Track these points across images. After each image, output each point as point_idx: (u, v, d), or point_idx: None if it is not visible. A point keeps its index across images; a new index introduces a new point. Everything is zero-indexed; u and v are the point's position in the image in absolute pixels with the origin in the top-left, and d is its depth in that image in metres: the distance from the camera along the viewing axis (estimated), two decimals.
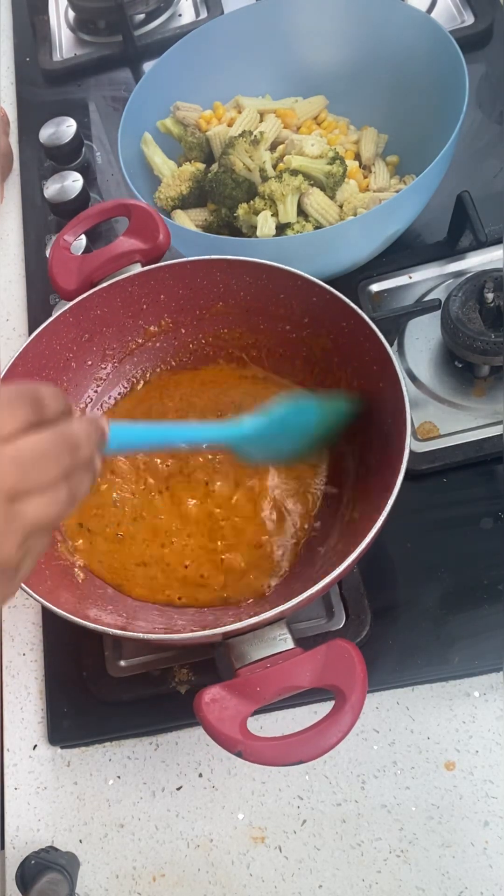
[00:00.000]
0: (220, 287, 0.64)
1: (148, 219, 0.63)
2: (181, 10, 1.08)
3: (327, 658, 0.46)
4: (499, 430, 0.65)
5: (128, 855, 0.58)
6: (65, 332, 0.63)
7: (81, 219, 0.65)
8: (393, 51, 0.79)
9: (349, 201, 0.74)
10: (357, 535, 0.49)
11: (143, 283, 0.64)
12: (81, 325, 0.64)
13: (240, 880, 0.56)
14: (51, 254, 0.64)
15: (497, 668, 0.58)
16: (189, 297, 0.65)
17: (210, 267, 0.63)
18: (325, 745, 0.44)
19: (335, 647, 0.46)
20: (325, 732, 0.44)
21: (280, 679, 0.46)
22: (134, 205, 0.64)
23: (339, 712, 0.44)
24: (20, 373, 0.60)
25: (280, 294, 0.62)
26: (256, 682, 0.46)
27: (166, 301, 0.65)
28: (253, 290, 0.63)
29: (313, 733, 0.44)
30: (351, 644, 0.46)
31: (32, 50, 1.10)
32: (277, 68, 0.86)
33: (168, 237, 0.64)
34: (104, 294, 0.63)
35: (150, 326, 0.66)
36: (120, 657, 0.64)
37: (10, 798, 0.62)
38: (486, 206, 0.73)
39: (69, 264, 0.64)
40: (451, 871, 0.53)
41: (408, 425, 0.52)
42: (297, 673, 0.46)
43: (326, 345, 0.62)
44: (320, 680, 0.46)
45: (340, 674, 0.45)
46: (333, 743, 0.44)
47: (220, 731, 0.45)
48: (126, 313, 0.65)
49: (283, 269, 0.60)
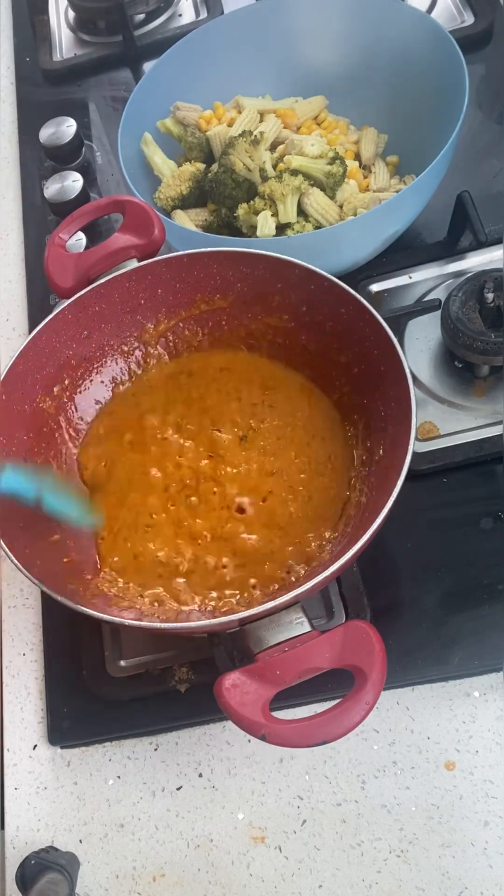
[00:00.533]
0: (218, 279, 0.64)
1: (142, 214, 0.64)
2: (181, 10, 1.08)
3: (345, 638, 0.46)
4: (499, 430, 0.65)
5: (128, 855, 0.58)
6: (64, 329, 0.63)
7: (75, 217, 0.65)
8: (393, 51, 0.79)
9: (349, 201, 0.74)
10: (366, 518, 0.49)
11: (140, 278, 0.64)
12: (80, 321, 0.64)
13: (240, 880, 0.56)
14: (46, 252, 0.65)
15: (497, 668, 0.58)
16: (186, 290, 0.65)
17: (207, 259, 0.63)
18: (349, 724, 0.44)
19: (352, 627, 0.46)
20: (348, 711, 0.44)
21: (299, 661, 0.46)
22: (127, 201, 0.64)
23: (361, 690, 0.44)
24: (21, 371, 0.60)
25: (278, 284, 0.62)
26: (276, 666, 0.46)
27: (164, 295, 0.65)
28: (250, 281, 0.63)
29: (337, 713, 0.44)
30: (368, 624, 0.47)
31: (32, 50, 1.10)
32: (277, 68, 0.86)
33: (163, 232, 0.64)
34: (102, 290, 0.63)
35: (148, 321, 0.67)
36: (120, 657, 0.64)
37: (10, 798, 0.62)
38: (486, 206, 0.73)
39: (65, 262, 0.64)
40: (451, 871, 0.53)
41: (412, 404, 0.52)
42: (316, 655, 0.46)
43: (326, 332, 0.62)
44: (340, 660, 0.46)
45: (359, 653, 0.45)
46: (357, 721, 0.44)
47: (243, 715, 0.45)
48: (124, 309, 0.65)
49: (280, 259, 0.60)
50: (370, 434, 0.59)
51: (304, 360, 0.65)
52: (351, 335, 0.59)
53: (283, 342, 0.65)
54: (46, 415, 0.63)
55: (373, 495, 0.55)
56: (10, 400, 0.60)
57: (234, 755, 0.60)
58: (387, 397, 0.56)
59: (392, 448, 0.54)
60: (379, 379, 0.57)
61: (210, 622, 0.49)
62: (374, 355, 0.57)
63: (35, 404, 0.63)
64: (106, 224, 0.88)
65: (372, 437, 0.58)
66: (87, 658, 0.64)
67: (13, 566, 0.52)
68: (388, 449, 0.55)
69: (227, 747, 0.60)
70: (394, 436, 0.54)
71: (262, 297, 0.64)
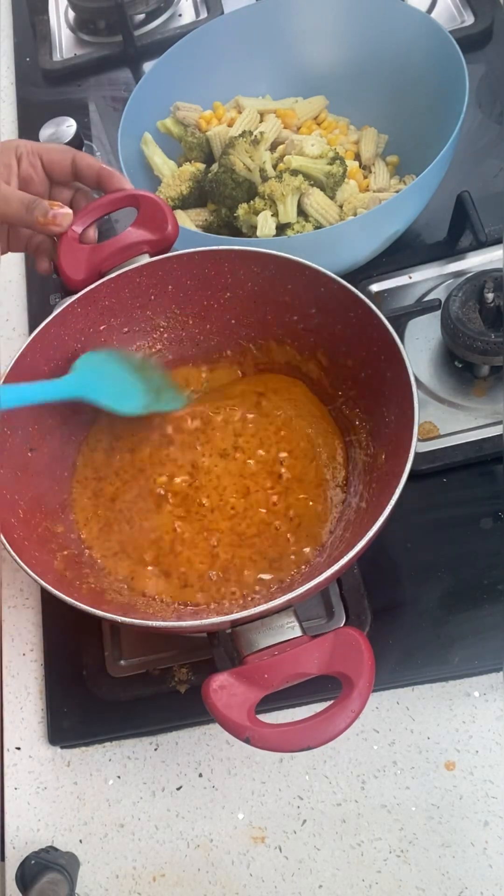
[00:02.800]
0: (228, 277, 0.64)
1: (156, 210, 0.63)
2: (181, 10, 1.08)
3: (335, 645, 0.46)
4: (499, 430, 0.65)
5: (128, 855, 0.58)
6: (73, 322, 0.63)
7: (91, 209, 0.65)
8: (393, 51, 0.79)
9: (349, 201, 0.75)
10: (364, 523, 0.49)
11: (151, 273, 0.64)
12: (90, 315, 0.64)
13: (240, 880, 0.56)
14: (59, 243, 0.64)
15: (497, 668, 0.58)
16: (197, 287, 0.65)
17: (218, 257, 0.63)
18: (334, 731, 0.44)
19: (343, 634, 0.46)
20: (333, 719, 0.44)
21: (288, 666, 0.46)
22: (143, 195, 0.64)
23: (347, 698, 0.44)
24: (29, 363, 0.60)
25: (288, 284, 0.62)
26: (265, 669, 0.46)
27: (174, 291, 0.65)
28: (261, 280, 0.63)
29: (322, 719, 0.44)
30: (358, 631, 0.46)
31: (32, 50, 1.10)
32: (277, 68, 0.86)
33: (176, 228, 0.64)
34: (112, 284, 0.63)
35: (157, 317, 0.66)
36: (120, 657, 0.64)
37: (10, 798, 0.62)
38: (486, 206, 0.73)
39: (77, 254, 0.64)
40: (451, 871, 0.53)
41: (415, 413, 0.52)
42: (305, 660, 0.46)
43: (334, 334, 0.62)
44: (328, 667, 0.46)
45: (348, 661, 0.45)
46: (342, 729, 0.44)
47: (228, 717, 0.45)
48: (134, 304, 0.65)
49: (291, 260, 0.60)
50: (373, 439, 0.59)
51: (312, 361, 0.65)
52: (359, 339, 0.59)
53: (292, 342, 0.65)
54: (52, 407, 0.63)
55: (373, 501, 0.55)
56: None
57: (234, 755, 0.60)
58: (390, 403, 0.56)
59: (393, 455, 0.54)
60: (384, 385, 0.57)
61: (202, 622, 0.49)
62: (380, 360, 0.57)
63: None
64: (106, 224, 0.88)
65: (375, 443, 0.58)
66: (88, 658, 0.64)
67: (13, 566, 0.52)
68: (389, 455, 0.55)
69: (227, 747, 0.60)
70: (396, 442, 0.54)
71: (272, 297, 0.64)
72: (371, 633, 0.59)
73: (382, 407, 0.57)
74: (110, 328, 0.65)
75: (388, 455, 0.55)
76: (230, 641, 0.50)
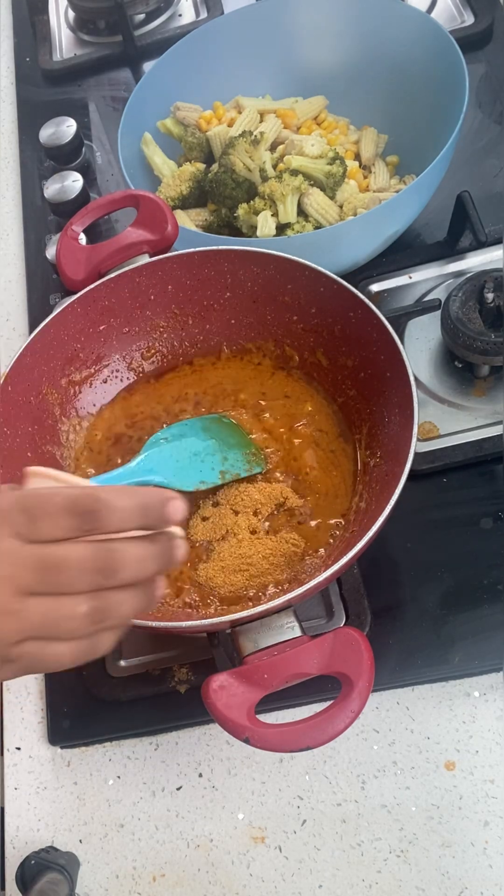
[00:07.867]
0: (228, 277, 0.64)
1: (156, 210, 0.64)
2: (181, 10, 1.08)
3: (335, 645, 0.46)
4: (499, 430, 0.65)
5: (128, 855, 0.58)
6: (73, 322, 0.63)
7: (91, 209, 0.65)
8: (393, 51, 0.79)
9: (349, 201, 0.75)
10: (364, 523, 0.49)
11: (150, 273, 0.64)
12: (89, 315, 0.64)
13: (240, 880, 0.56)
14: (59, 243, 0.64)
15: (497, 668, 0.58)
16: (197, 287, 0.65)
17: (218, 257, 0.63)
18: (333, 731, 0.44)
19: (342, 634, 0.46)
20: (332, 719, 0.44)
21: (288, 666, 0.46)
22: (142, 196, 0.64)
23: (347, 699, 0.44)
24: (28, 363, 0.60)
25: (288, 285, 0.62)
26: (264, 669, 0.46)
27: (174, 291, 0.65)
28: (261, 280, 0.63)
29: (321, 719, 0.44)
30: (358, 631, 0.47)
31: (32, 50, 1.10)
32: (277, 68, 0.86)
33: (176, 228, 0.64)
34: (112, 284, 0.63)
35: (157, 317, 0.66)
36: (120, 657, 0.64)
37: (10, 798, 0.62)
38: (486, 206, 0.73)
39: (77, 254, 0.64)
40: (451, 871, 0.53)
41: (415, 413, 0.52)
42: (305, 660, 0.46)
43: (334, 334, 0.62)
44: (328, 667, 0.46)
45: (348, 661, 0.46)
46: (341, 729, 0.44)
47: (228, 717, 0.45)
48: (134, 304, 0.65)
49: (291, 260, 0.61)
50: (373, 440, 0.59)
51: (311, 361, 0.65)
52: (358, 339, 0.59)
53: (291, 342, 0.65)
54: (52, 407, 0.63)
55: (373, 500, 0.55)
56: (16, 392, 0.60)
57: (234, 755, 0.60)
58: (390, 404, 0.56)
59: (393, 455, 0.54)
60: (384, 385, 0.57)
61: (201, 623, 0.49)
62: (380, 360, 0.57)
63: (41, 396, 0.62)
64: (106, 224, 0.88)
65: (374, 443, 0.59)
66: None
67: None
68: (389, 455, 0.55)
69: (227, 747, 0.60)
70: (396, 442, 0.54)
71: (272, 297, 0.64)
72: (371, 633, 0.59)
73: (382, 407, 0.57)
74: (110, 328, 0.65)
75: (388, 455, 0.55)
76: (230, 641, 0.50)
